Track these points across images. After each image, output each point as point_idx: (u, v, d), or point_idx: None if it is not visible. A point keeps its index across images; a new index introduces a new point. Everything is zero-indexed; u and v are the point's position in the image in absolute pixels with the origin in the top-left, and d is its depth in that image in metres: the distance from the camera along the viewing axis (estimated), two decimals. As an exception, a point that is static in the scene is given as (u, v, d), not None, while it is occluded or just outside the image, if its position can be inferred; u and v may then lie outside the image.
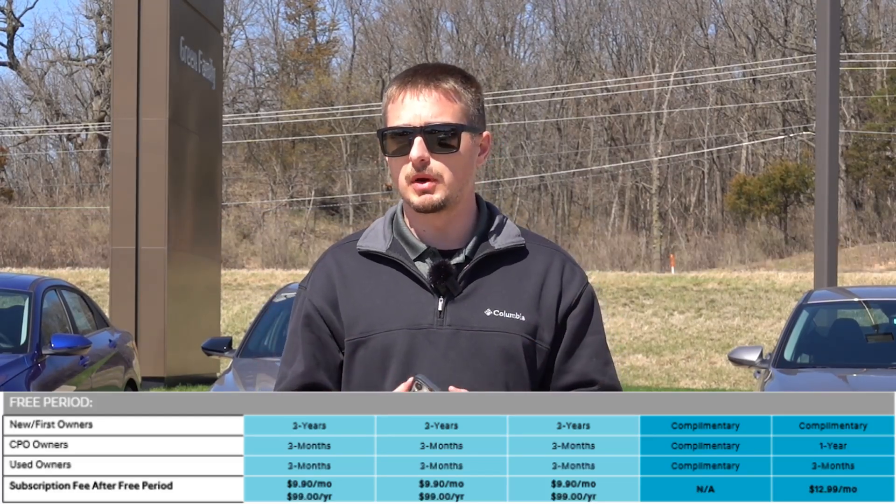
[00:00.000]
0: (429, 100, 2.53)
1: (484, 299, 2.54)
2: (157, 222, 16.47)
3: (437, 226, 2.58)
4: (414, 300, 2.54)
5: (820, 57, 14.09)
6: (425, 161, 2.51)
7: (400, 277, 2.57)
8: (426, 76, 2.56)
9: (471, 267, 2.56)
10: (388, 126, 2.56)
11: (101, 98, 52.58)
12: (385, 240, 2.60)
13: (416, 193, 2.53)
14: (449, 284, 2.53)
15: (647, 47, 54.58)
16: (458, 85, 2.56)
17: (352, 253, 2.62)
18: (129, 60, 16.57)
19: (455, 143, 2.53)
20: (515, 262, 2.59)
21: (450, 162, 2.53)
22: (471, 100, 2.58)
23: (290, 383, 2.59)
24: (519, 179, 52.55)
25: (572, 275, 2.61)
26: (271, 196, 52.79)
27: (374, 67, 57.48)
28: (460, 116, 2.55)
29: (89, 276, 27.38)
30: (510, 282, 2.57)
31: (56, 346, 9.41)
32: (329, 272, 2.61)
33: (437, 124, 2.52)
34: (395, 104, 2.56)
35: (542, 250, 2.62)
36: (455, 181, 2.53)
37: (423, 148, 2.51)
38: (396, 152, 2.54)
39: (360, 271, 2.59)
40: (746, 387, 18.05)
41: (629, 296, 24.56)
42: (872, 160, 48.32)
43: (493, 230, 2.61)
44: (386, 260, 2.58)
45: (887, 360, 8.95)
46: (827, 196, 13.78)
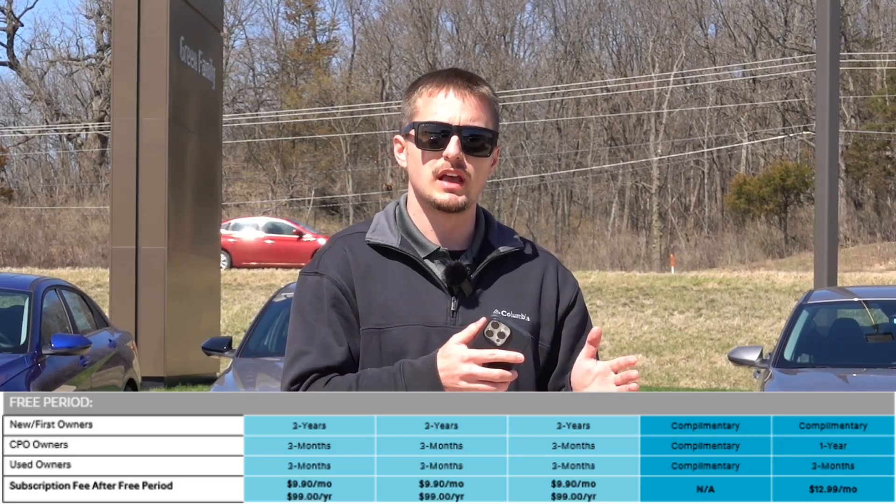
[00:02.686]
0: (470, 102, 2.59)
1: (491, 300, 2.60)
2: (157, 222, 16.47)
3: (447, 227, 2.63)
4: (428, 298, 2.58)
5: (820, 57, 14.08)
6: (461, 160, 2.56)
7: (412, 274, 2.60)
8: (466, 79, 2.63)
9: (481, 269, 2.62)
10: (424, 120, 2.59)
11: (101, 98, 52.57)
12: (394, 235, 2.63)
13: (443, 191, 2.57)
14: (463, 285, 2.59)
15: (647, 47, 54.57)
16: (491, 94, 2.65)
17: (361, 244, 2.63)
18: (129, 60, 16.57)
19: (488, 148, 2.61)
20: (515, 264, 2.67)
21: (479, 165, 2.60)
22: (497, 112, 2.67)
23: (340, 365, 2.54)
24: (519, 179, 52.54)
25: (565, 278, 2.72)
26: (271, 196, 52.79)
27: (374, 67, 57.46)
28: (493, 124, 2.63)
29: (89, 276, 27.37)
30: (513, 283, 2.64)
31: (56, 345, 9.41)
32: (345, 258, 2.61)
33: (478, 127, 2.59)
34: (434, 98, 2.60)
35: (536, 254, 2.72)
36: (478, 185, 2.62)
37: (460, 147, 2.57)
38: (429, 145, 2.58)
39: (372, 262, 2.61)
40: (746, 387, 18.05)
41: (629, 296, 24.56)
42: (872, 160, 48.31)
43: (493, 233, 2.68)
44: (398, 256, 2.61)
45: (887, 360, 8.95)
46: (827, 196, 13.78)
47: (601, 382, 2.46)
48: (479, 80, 2.65)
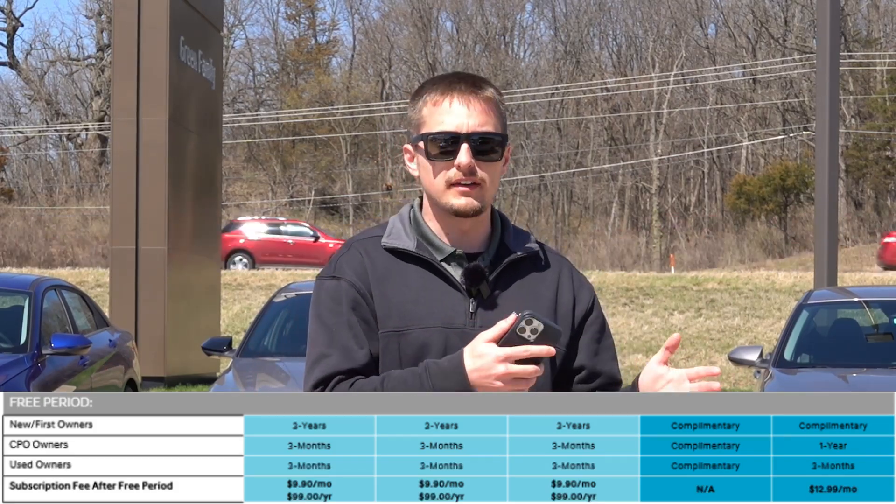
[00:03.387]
0: (476, 108, 2.58)
1: (510, 302, 2.60)
2: (157, 222, 16.46)
3: (463, 229, 2.63)
4: (446, 300, 2.58)
5: (820, 57, 14.08)
6: (473, 168, 2.56)
7: (429, 277, 2.60)
8: (470, 83, 2.62)
9: (499, 271, 2.63)
10: (432, 131, 2.59)
11: (101, 98, 52.57)
12: (410, 239, 2.63)
13: (459, 196, 2.57)
14: (482, 287, 2.59)
15: (647, 47, 54.57)
16: (496, 95, 2.63)
17: (377, 248, 2.63)
18: (129, 60, 16.56)
19: (499, 152, 2.60)
20: (531, 267, 2.67)
21: (491, 169, 2.60)
22: (504, 111, 2.66)
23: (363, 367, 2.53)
24: (519, 179, 52.54)
25: (581, 282, 2.72)
26: (271, 196, 52.79)
27: (374, 67, 57.47)
28: (501, 126, 2.62)
29: (89, 276, 27.36)
30: (529, 286, 2.65)
31: (56, 345, 9.40)
32: (362, 262, 2.61)
33: (487, 132, 2.58)
34: (440, 108, 2.59)
35: (551, 258, 2.72)
36: (493, 188, 2.61)
37: (471, 155, 2.56)
38: (439, 156, 2.58)
39: (389, 266, 2.61)
40: (746, 387, 18.05)
41: (629, 295, 24.56)
42: (872, 160, 48.32)
43: (509, 236, 2.68)
44: (414, 259, 2.61)
45: (887, 360, 8.95)
46: (827, 196, 13.77)
47: (675, 388, 2.46)
48: (483, 83, 2.63)
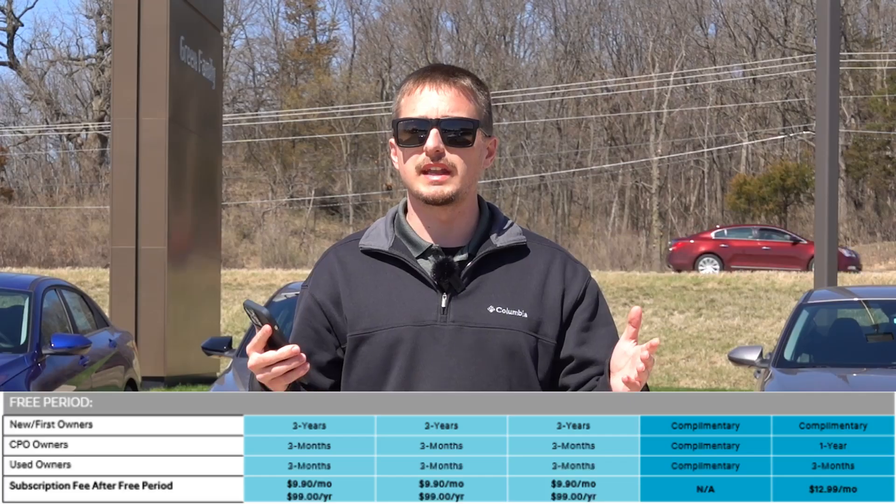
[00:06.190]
0: (447, 94, 2.57)
1: (487, 296, 2.57)
2: (157, 222, 16.47)
3: (441, 220, 2.60)
4: (418, 297, 2.56)
5: (820, 57, 14.08)
6: (440, 152, 2.55)
7: (403, 275, 2.58)
8: (444, 73, 2.61)
9: (473, 264, 2.59)
10: (402, 117, 2.59)
11: (101, 98, 52.57)
12: (387, 238, 2.63)
13: (429, 185, 2.56)
14: (452, 281, 2.56)
15: (647, 47, 54.56)
16: (474, 85, 2.62)
17: (354, 251, 2.64)
18: (129, 60, 16.57)
19: (470, 139, 2.57)
20: (517, 259, 2.62)
21: (465, 156, 2.57)
22: (483, 102, 2.63)
23: None
24: (519, 179, 52.53)
25: (574, 272, 2.65)
26: (271, 196, 52.77)
27: (374, 67, 57.46)
28: (475, 114, 2.59)
29: (89, 276, 27.37)
30: (512, 279, 2.60)
31: (56, 345, 9.40)
32: (331, 269, 2.63)
33: (456, 118, 2.56)
34: (412, 96, 2.59)
35: (543, 249, 2.66)
36: (466, 175, 2.57)
37: (440, 139, 2.55)
38: (409, 142, 2.57)
39: (363, 269, 2.61)
40: (746, 387, 18.05)
41: (629, 295, 24.56)
42: (872, 160, 48.31)
43: (494, 229, 2.64)
44: (389, 258, 2.60)
45: (887, 360, 8.94)
46: (827, 196, 13.77)
47: (631, 366, 2.42)
48: (459, 72, 2.62)
